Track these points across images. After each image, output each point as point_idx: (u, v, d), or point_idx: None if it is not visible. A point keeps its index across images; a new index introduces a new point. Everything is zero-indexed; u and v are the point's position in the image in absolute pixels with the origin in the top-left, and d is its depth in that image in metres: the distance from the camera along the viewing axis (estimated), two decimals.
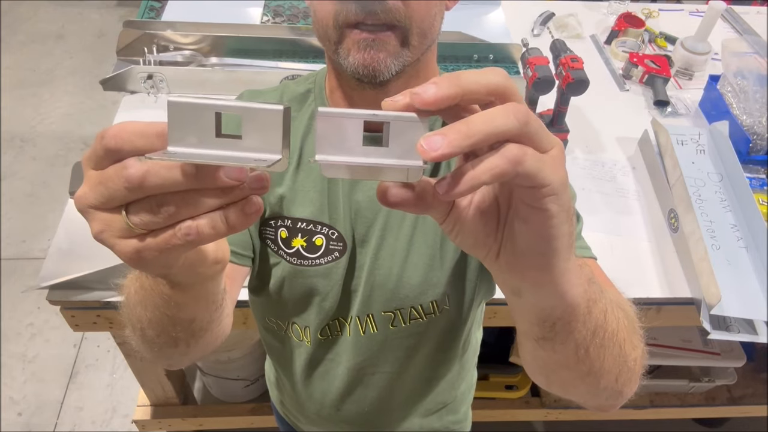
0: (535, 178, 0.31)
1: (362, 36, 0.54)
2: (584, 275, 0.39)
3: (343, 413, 0.83)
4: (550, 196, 0.32)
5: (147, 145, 0.31)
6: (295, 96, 0.71)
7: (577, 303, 0.38)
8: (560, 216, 0.33)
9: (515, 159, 0.30)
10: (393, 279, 0.69)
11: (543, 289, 0.37)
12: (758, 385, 1.56)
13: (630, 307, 0.52)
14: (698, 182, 1.17)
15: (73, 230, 1.05)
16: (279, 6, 1.60)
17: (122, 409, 1.78)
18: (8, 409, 1.77)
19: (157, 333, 0.50)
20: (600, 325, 0.41)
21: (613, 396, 0.49)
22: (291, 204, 0.69)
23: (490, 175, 0.30)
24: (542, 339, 0.41)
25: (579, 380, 0.45)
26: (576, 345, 0.41)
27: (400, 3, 0.54)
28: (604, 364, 0.44)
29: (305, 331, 0.76)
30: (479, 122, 0.29)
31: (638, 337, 0.49)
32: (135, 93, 1.34)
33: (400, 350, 0.75)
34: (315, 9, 0.57)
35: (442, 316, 0.72)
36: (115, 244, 0.33)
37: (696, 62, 1.48)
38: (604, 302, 0.42)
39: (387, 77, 0.57)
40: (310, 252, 0.69)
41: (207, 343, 0.56)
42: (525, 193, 0.32)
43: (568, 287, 0.37)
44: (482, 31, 1.49)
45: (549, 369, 0.46)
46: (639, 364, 0.48)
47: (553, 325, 0.39)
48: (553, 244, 0.34)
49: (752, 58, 1.32)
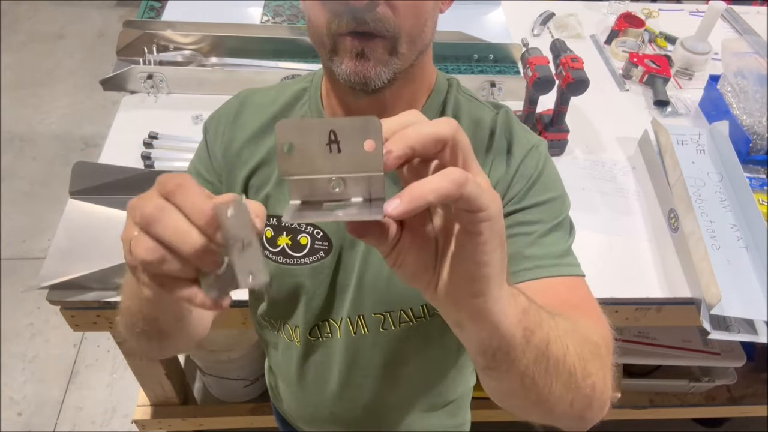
0: (475, 202, 0.33)
1: (353, 43, 0.55)
2: (518, 305, 0.41)
3: (336, 415, 0.83)
4: (486, 222, 0.34)
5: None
6: (291, 94, 0.71)
7: (512, 333, 0.40)
8: (493, 242, 0.35)
9: (458, 182, 0.32)
10: (383, 281, 0.69)
11: (477, 320, 0.39)
12: (758, 385, 1.56)
13: (599, 330, 0.52)
14: (698, 182, 1.17)
15: (73, 230, 1.05)
16: (279, 6, 1.60)
17: (122, 409, 1.78)
18: (8, 409, 1.77)
19: (132, 323, 0.56)
20: (542, 353, 0.43)
21: (574, 420, 0.50)
22: (277, 203, 0.69)
23: (435, 195, 0.32)
24: (487, 368, 0.43)
25: (531, 407, 0.47)
26: (520, 374, 0.43)
27: (389, 11, 0.54)
28: (553, 391, 0.45)
29: (295, 332, 0.77)
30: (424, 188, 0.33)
31: (599, 363, 0.49)
32: (135, 93, 1.34)
33: (392, 353, 0.75)
34: (309, 15, 0.58)
35: (433, 319, 0.71)
36: (125, 251, 0.39)
37: (696, 62, 1.48)
38: (546, 331, 0.43)
39: (379, 85, 0.57)
40: (296, 251, 0.70)
41: (178, 346, 0.62)
42: (464, 217, 0.35)
43: (501, 317, 0.39)
44: (482, 31, 1.49)
45: (500, 397, 0.48)
46: (598, 390, 0.49)
47: (494, 355, 0.41)
48: (485, 270, 0.36)
49: (752, 58, 1.32)
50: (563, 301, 0.58)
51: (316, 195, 0.35)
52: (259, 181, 0.70)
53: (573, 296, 0.60)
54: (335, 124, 0.33)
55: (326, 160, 0.33)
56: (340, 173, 0.34)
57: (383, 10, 0.53)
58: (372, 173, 0.33)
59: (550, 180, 0.66)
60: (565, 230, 0.65)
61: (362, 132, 0.33)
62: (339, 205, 0.35)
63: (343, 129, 0.33)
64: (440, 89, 0.68)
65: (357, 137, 0.33)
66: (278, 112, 0.71)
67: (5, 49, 2.99)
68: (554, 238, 0.63)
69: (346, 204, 0.35)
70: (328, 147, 0.33)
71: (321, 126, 0.33)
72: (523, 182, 0.64)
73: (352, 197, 0.35)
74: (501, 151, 0.66)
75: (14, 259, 2.13)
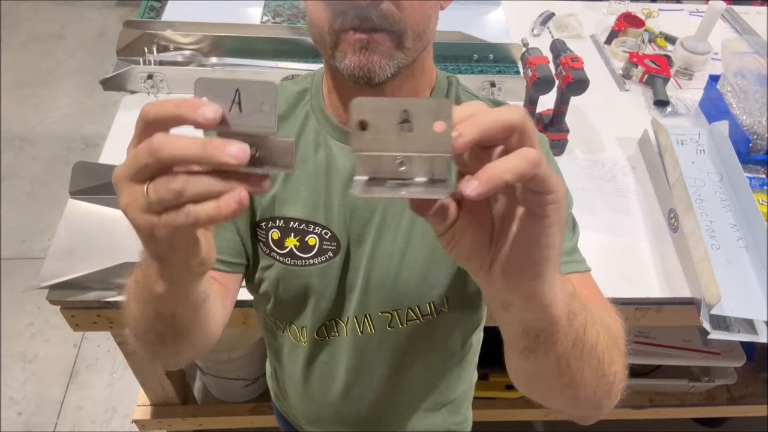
0: (545, 184, 0.34)
1: (357, 37, 0.55)
2: (566, 290, 0.42)
3: (342, 414, 0.83)
4: (553, 205, 0.35)
5: (178, 113, 0.34)
6: (292, 95, 0.71)
7: (559, 315, 0.41)
8: (557, 225, 0.36)
9: (534, 161, 0.33)
10: (390, 279, 0.69)
11: (530, 301, 0.39)
12: (758, 384, 1.56)
13: (616, 322, 0.54)
14: (698, 182, 1.17)
15: (73, 230, 1.05)
16: (279, 6, 1.60)
17: (122, 409, 1.79)
18: (8, 409, 1.77)
19: (145, 329, 0.54)
20: (579, 338, 0.44)
21: (591, 407, 0.51)
22: (283, 204, 0.69)
23: (512, 174, 0.33)
24: (527, 350, 0.44)
25: (559, 390, 0.48)
26: (557, 356, 0.43)
27: (393, 7, 0.54)
28: (584, 376, 0.46)
29: (302, 332, 0.76)
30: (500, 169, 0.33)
31: (619, 353, 0.51)
32: (135, 93, 1.34)
33: (399, 352, 0.75)
34: (310, 14, 0.58)
35: (440, 318, 0.71)
36: (135, 217, 0.37)
37: (696, 62, 1.48)
38: (584, 316, 0.44)
39: (383, 79, 0.57)
40: (304, 252, 0.69)
41: (194, 345, 0.59)
42: (532, 198, 0.35)
43: (553, 300, 0.40)
44: (482, 31, 1.49)
45: (532, 378, 0.49)
46: (618, 379, 0.50)
47: (537, 336, 0.42)
48: (546, 252, 0.37)
49: (752, 58, 1.32)
50: None
51: (382, 172, 0.36)
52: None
53: (585, 291, 0.61)
54: (409, 104, 0.34)
55: (398, 139, 0.35)
56: (410, 152, 0.35)
57: (387, 6, 0.54)
58: (440, 154, 0.34)
59: None
60: (569, 227, 0.66)
61: (434, 113, 0.34)
62: (403, 183, 0.36)
63: (417, 109, 0.34)
64: (441, 87, 0.69)
65: (429, 118, 0.34)
66: (281, 113, 0.70)
67: (5, 49, 2.99)
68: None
69: (410, 183, 0.36)
70: (401, 126, 0.34)
71: (395, 105, 0.34)
72: None
73: (416, 177, 0.36)
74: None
75: (14, 259, 2.13)
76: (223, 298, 0.67)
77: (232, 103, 0.34)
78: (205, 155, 0.33)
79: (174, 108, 0.35)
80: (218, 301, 0.63)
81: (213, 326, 0.60)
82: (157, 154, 0.34)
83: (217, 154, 0.33)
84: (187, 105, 0.34)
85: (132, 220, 0.37)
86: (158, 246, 0.40)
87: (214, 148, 0.33)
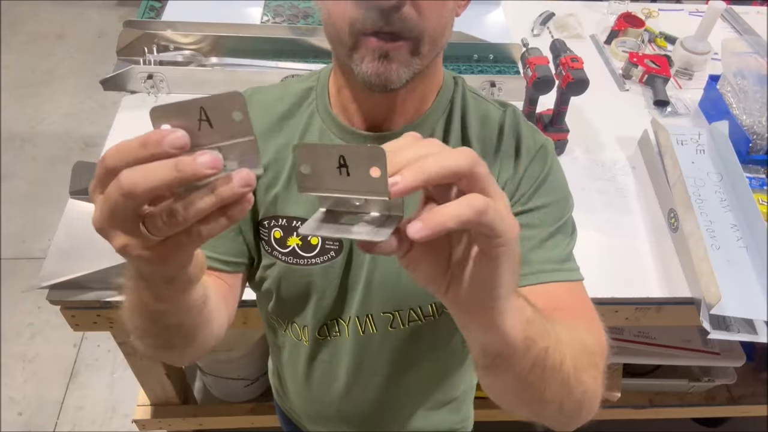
0: (494, 228, 0.35)
1: (377, 45, 0.55)
2: (524, 317, 0.43)
3: (343, 413, 0.83)
4: (503, 247, 0.36)
5: (147, 153, 0.34)
6: (297, 92, 0.71)
7: (514, 341, 0.42)
8: (507, 265, 0.37)
9: (479, 209, 0.34)
10: (392, 280, 0.69)
11: (484, 327, 0.41)
12: (758, 384, 1.56)
13: (596, 337, 0.54)
14: (698, 182, 1.17)
15: (73, 230, 1.05)
16: (279, 6, 1.60)
17: (122, 409, 1.79)
18: (8, 409, 1.77)
19: (153, 338, 0.56)
20: (540, 360, 0.45)
21: (561, 423, 0.53)
22: (286, 203, 0.69)
23: (455, 221, 0.33)
24: (485, 368, 0.45)
25: (522, 406, 0.50)
26: (515, 376, 0.45)
27: (413, 11, 0.54)
28: (545, 394, 0.47)
29: (303, 331, 0.76)
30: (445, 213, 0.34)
31: (593, 369, 0.51)
32: (135, 93, 1.34)
33: (400, 352, 0.75)
34: (329, 12, 0.57)
35: (441, 318, 0.71)
36: (140, 254, 0.37)
37: (696, 62, 1.48)
38: (547, 340, 0.45)
39: (398, 86, 0.57)
40: (306, 251, 0.69)
41: (200, 344, 0.59)
42: (482, 240, 0.36)
43: (506, 329, 0.41)
44: (482, 31, 1.49)
45: (495, 392, 0.51)
46: (588, 396, 0.51)
47: (494, 358, 0.44)
48: (497, 291, 0.38)
49: (752, 58, 1.32)
50: (562, 306, 0.59)
51: (341, 206, 0.38)
52: (268, 180, 0.69)
53: (571, 301, 0.62)
54: (345, 151, 0.35)
55: (338, 181, 0.36)
56: (350, 194, 0.37)
57: (408, 10, 0.54)
58: (377, 197, 0.36)
59: (557, 181, 0.67)
60: (566, 233, 0.66)
61: (369, 160, 0.35)
62: (357, 218, 0.38)
63: (352, 156, 0.35)
64: (448, 87, 0.69)
65: (364, 164, 0.35)
66: (286, 111, 0.70)
67: (5, 49, 2.99)
68: (556, 241, 0.64)
69: (364, 218, 0.38)
70: (338, 170, 0.36)
71: (331, 151, 0.36)
72: (530, 183, 0.65)
73: (372, 211, 0.38)
74: (509, 152, 0.67)
75: (14, 259, 2.13)
76: (227, 297, 0.67)
77: (200, 122, 0.35)
78: (180, 176, 0.33)
79: (139, 148, 0.34)
80: (221, 301, 0.64)
81: (217, 325, 0.60)
82: (133, 193, 0.33)
83: (193, 169, 0.33)
84: (152, 140, 0.33)
85: (136, 258, 0.37)
86: (170, 269, 0.41)
87: (187, 165, 0.33)
